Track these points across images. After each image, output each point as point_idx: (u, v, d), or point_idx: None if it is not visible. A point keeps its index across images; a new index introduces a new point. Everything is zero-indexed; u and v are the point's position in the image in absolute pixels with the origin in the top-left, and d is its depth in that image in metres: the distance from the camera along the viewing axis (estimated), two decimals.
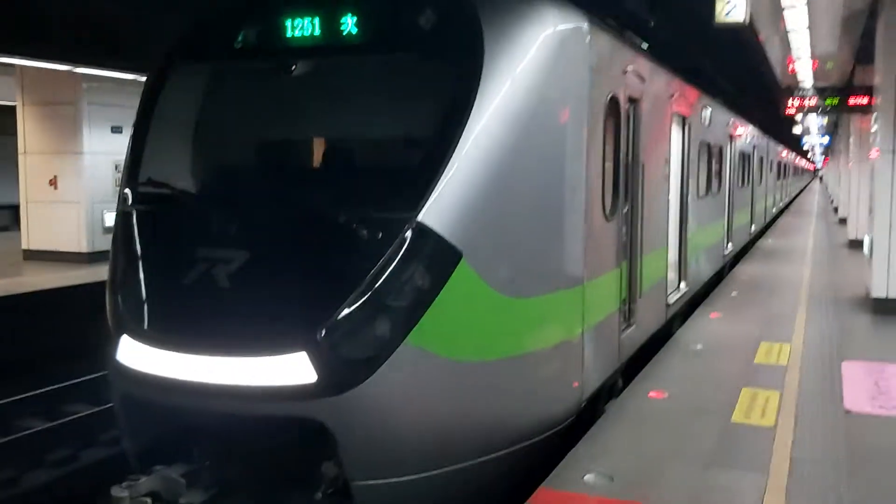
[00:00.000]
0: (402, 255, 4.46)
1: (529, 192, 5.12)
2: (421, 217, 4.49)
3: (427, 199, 4.52)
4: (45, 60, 12.34)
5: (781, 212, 32.92)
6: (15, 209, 16.49)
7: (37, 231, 14.64)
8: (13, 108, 15.00)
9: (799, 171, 55.69)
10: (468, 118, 4.68)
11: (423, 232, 4.49)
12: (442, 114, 4.84)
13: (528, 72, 4.97)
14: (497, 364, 4.88)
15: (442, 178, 4.57)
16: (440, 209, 4.54)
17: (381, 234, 4.52)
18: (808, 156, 69.83)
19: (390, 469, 4.55)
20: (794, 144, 43.76)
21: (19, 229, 15.17)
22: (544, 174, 5.27)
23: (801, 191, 60.77)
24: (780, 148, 29.37)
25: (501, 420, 4.97)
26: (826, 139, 43.04)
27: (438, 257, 4.54)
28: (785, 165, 34.34)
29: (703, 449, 5.24)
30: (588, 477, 4.77)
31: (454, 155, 4.62)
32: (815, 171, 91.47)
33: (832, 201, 36.42)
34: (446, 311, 4.55)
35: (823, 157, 64.08)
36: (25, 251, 14.71)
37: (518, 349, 5.05)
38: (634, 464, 4.99)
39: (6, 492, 7.55)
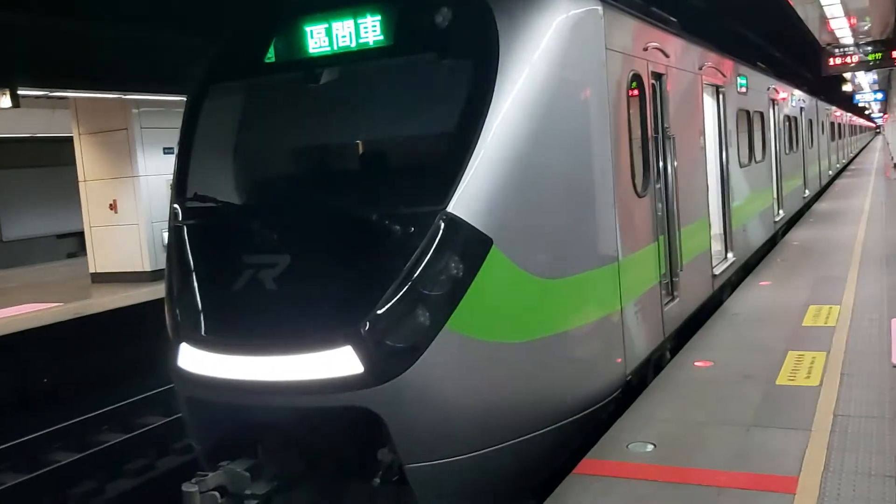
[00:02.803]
0: (435, 245, 4.66)
1: (556, 175, 5.27)
2: (450, 208, 4.68)
3: (455, 191, 4.70)
4: (96, 91, 12.91)
5: (840, 173, 32.14)
6: (80, 236, 17.22)
7: (101, 254, 15.27)
8: (71, 139, 15.67)
9: (856, 129, 54.09)
10: (489, 109, 4.86)
11: (452, 222, 4.69)
12: (463, 107, 5.03)
13: (544, 58, 5.12)
14: (536, 343, 5.05)
15: (467, 169, 4.75)
16: (468, 199, 4.72)
17: (413, 228, 4.73)
18: (866, 113, 67.75)
19: (441, 451, 4.75)
20: (847, 103, 42.51)
21: (86, 254, 15.85)
22: (570, 156, 5.42)
23: (862, 150, 59.05)
24: (830, 108, 28.68)
25: (545, 397, 5.13)
26: (880, 95, 41.75)
27: (470, 245, 4.73)
28: (839, 125, 33.48)
29: (747, 412, 5.34)
30: (632, 445, 4.92)
31: (478, 146, 4.79)
32: (877, 128, 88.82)
33: (892, 157, 35.37)
34: (481, 296, 4.74)
35: (883, 113, 62.11)
36: (93, 274, 15.36)
37: (556, 328, 5.21)
38: (677, 431, 5.11)
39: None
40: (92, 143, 15.17)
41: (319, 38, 5.43)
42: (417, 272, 4.63)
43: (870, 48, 15.41)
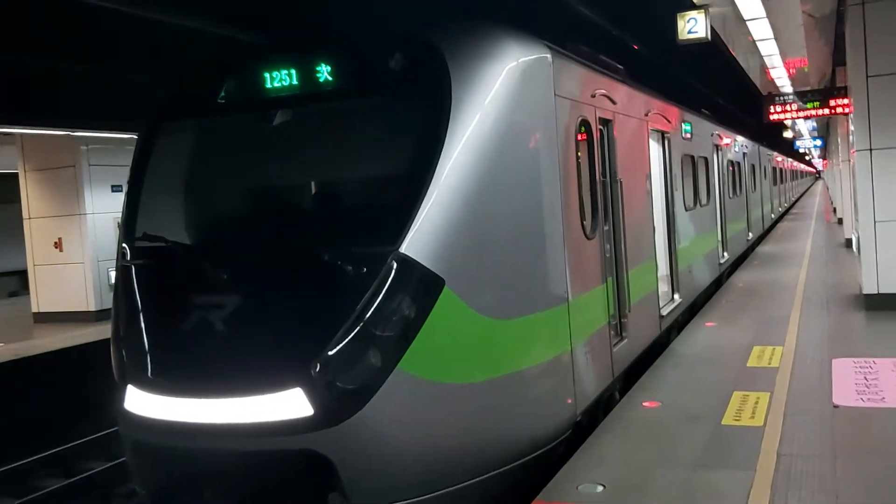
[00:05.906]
0: (387, 286, 4.68)
1: (507, 218, 5.35)
2: (402, 248, 4.72)
3: (407, 232, 4.75)
4: (41, 127, 12.74)
5: (782, 216, 33.06)
6: (23, 274, 16.81)
7: (45, 293, 14.92)
8: (16, 176, 15.37)
9: (798, 174, 55.83)
10: (441, 152, 4.93)
11: (405, 263, 4.72)
12: (416, 150, 5.10)
13: (494, 103, 5.23)
14: (487, 384, 5.07)
15: (420, 210, 4.80)
16: (420, 240, 4.76)
17: (365, 269, 4.75)
18: (807, 158, 70.06)
19: (392, 494, 4.72)
20: (788, 149, 43.94)
21: (29, 293, 15.46)
22: (520, 199, 5.51)
23: (803, 194, 60.89)
24: (772, 154, 29.60)
25: (496, 439, 5.14)
26: (819, 141, 43.27)
27: (422, 286, 4.76)
28: (780, 171, 34.53)
29: (693, 453, 5.41)
30: (582, 487, 4.94)
31: (430, 187, 4.85)
32: (818, 173, 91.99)
33: (832, 202, 36.54)
34: (433, 337, 4.76)
35: (822, 159, 64.31)
36: (36, 314, 14.98)
37: (507, 369, 5.24)
38: (626, 472, 5.16)
39: None
40: (38, 180, 14.92)
41: (274, 79, 5.47)
42: (369, 313, 4.64)
43: (808, 97, 16.06)
